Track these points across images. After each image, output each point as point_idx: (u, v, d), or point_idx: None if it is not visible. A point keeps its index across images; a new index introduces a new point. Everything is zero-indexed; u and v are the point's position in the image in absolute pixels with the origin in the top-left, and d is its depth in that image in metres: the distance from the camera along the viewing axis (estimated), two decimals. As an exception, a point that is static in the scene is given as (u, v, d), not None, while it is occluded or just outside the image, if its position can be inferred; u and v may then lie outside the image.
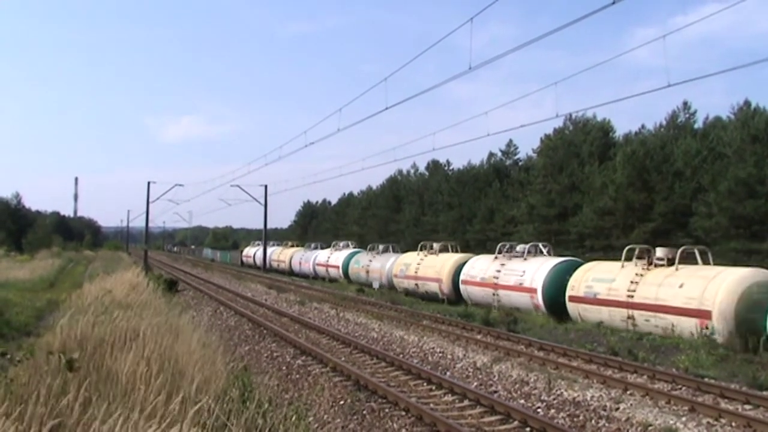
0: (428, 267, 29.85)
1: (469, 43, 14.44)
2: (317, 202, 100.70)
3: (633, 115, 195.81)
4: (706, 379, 12.38)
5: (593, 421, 9.99)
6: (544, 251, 24.85)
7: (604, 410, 10.59)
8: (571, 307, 20.74)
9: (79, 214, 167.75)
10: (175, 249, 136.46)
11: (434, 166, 68.41)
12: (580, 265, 21.98)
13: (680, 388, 12.02)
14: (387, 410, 10.49)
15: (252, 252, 65.77)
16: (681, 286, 17.11)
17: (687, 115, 44.18)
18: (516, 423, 9.72)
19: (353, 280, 38.95)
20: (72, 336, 9.09)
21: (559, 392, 11.81)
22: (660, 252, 19.12)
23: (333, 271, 42.83)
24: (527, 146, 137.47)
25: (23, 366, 6.51)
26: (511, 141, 57.52)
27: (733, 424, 9.75)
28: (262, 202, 60.61)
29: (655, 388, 11.89)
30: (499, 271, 24.29)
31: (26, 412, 4.85)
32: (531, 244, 25.22)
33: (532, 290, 22.23)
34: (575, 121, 48.99)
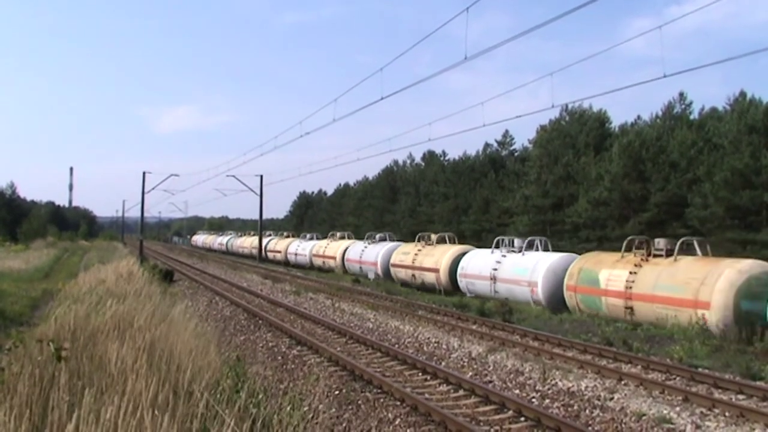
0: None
1: (464, 33, 14.39)
2: (313, 193, 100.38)
3: (629, 105, 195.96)
4: (700, 369, 12.43)
5: (587, 411, 10.02)
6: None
7: (599, 400, 10.62)
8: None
9: (74, 204, 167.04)
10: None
11: (430, 156, 68.14)
12: (578, 259, 21.91)
13: (674, 378, 12.07)
14: (382, 400, 10.50)
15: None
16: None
17: (683, 106, 44.00)
18: (511, 413, 9.74)
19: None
20: (65, 326, 9.04)
21: (553, 382, 11.84)
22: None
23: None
24: (523, 137, 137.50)
25: (15, 355, 6.46)
26: (507, 131, 57.36)
27: (727, 413, 9.78)
28: (258, 192, 60.55)
29: (649, 378, 11.93)
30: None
31: (10, 401, 4.80)
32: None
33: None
34: (571, 112, 48.77)
